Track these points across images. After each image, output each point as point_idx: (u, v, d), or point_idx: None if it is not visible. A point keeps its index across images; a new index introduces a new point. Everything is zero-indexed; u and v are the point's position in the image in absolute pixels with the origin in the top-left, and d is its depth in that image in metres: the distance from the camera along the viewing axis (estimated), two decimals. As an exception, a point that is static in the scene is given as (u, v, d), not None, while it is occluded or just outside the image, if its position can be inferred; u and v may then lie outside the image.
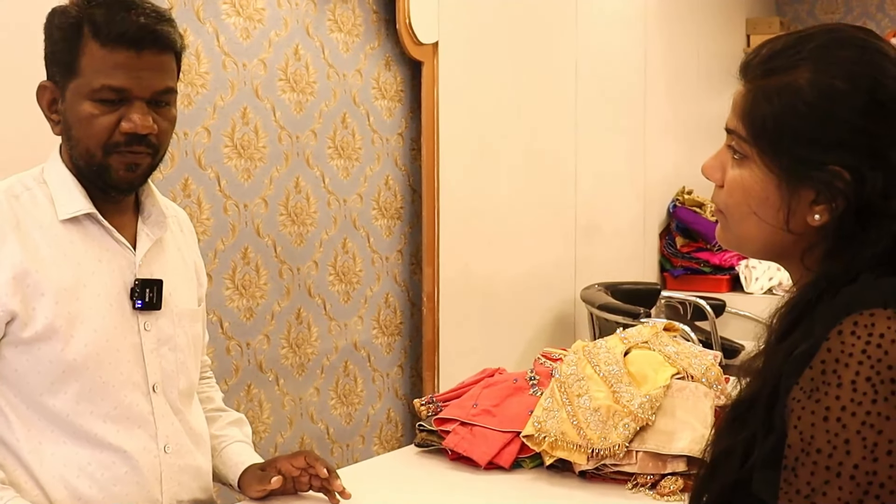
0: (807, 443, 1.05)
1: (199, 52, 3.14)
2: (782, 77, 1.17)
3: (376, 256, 3.85)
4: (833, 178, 1.14)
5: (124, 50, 1.67)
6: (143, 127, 1.69)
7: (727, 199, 1.23)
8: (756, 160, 1.19)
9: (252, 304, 3.37)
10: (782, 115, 1.16)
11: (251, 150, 3.34)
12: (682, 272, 5.65)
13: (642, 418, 2.06)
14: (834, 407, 1.04)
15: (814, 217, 1.16)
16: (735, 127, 1.21)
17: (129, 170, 1.73)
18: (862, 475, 1.02)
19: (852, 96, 1.13)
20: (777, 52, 1.20)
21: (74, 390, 1.71)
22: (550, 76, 4.68)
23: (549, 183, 4.70)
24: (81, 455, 1.72)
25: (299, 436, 3.56)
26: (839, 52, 1.16)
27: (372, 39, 3.78)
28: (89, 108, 1.69)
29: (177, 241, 1.93)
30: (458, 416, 2.25)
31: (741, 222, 1.22)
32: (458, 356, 4.00)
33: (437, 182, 3.93)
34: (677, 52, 5.79)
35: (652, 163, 5.53)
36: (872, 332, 1.06)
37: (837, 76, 1.14)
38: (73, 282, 1.71)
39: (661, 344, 2.27)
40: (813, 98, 1.14)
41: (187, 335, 1.87)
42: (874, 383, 1.04)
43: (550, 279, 4.72)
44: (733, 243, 1.27)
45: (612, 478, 2.07)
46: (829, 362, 1.06)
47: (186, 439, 1.85)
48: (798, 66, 1.16)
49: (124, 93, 1.68)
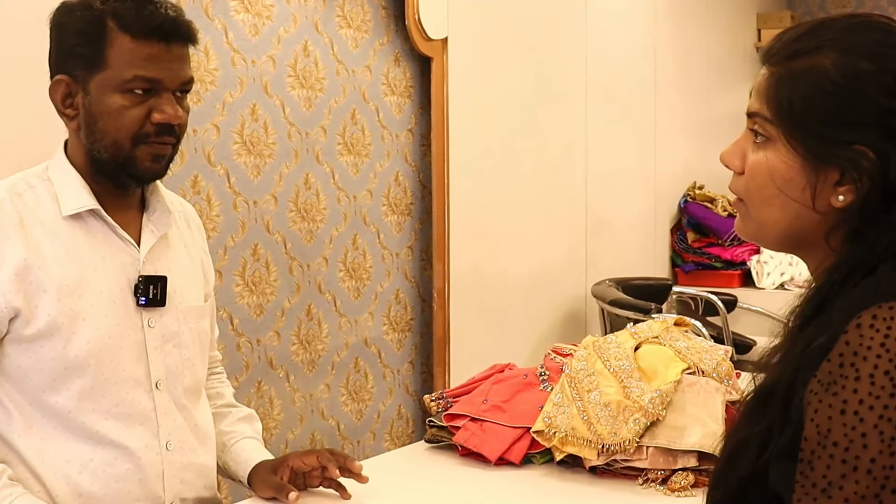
0: (823, 436, 1.05)
1: (208, 48, 3.14)
2: (807, 59, 1.17)
3: (386, 253, 3.85)
4: (858, 157, 1.14)
5: (155, 42, 1.70)
6: (175, 117, 1.73)
7: (749, 184, 1.23)
8: (781, 140, 1.18)
9: (262, 300, 3.37)
10: (808, 95, 1.16)
11: (260, 147, 3.34)
12: (694, 267, 5.64)
13: (653, 413, 2.05)
14: (851, 400, 1.03)
15: (838, 198, 1.16)
16: (759, 109, 1.21)
17: (156, 160, 1.75)
18: (879, 469, 1.01)
19: (877, 77, 1.14)
20: (801, 35, 1.20)
21: (77, 387, 1.71)
22: (560, 71, 4.67)
23: (560, 178, 4.70)
24: (83, 452, 1.73)
25: (310, 432, 3.56)
26: (863, 34, 1.17)
27: (381, 35, 3.78)
28: (119, 100, 1.70)
29: (183, 237, 1.93)
30: (468, 411, 2.25)
31: (764, 206, 1.21)
32: (468, 352, 3.99)
33: (447, 178, 3.93)
34: (687, 46, 5.77)
35: (662, 158, 5.51)
36: (891, 325, 1.05)
37: (862, 57, 1.15)
38: (76, 279, 1.72)
39: (671, 339, 2.26)
40: (838, 78, 1.15)
41: (193, 332, 1.87)
42: (892, 377, 1.03)
43: (561, 275, 4.71)
44: (753, 231, 1.26)
45: (622, 473, 2.06)
46: (847, 355, 1.05)
47: (191, 437, 1.85)
48: (822, 48, 1.17)
49: (155, 83, 1.71)
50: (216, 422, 2.03)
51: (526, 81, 4.41)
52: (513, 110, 4.34)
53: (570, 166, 4.76)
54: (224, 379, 2.13)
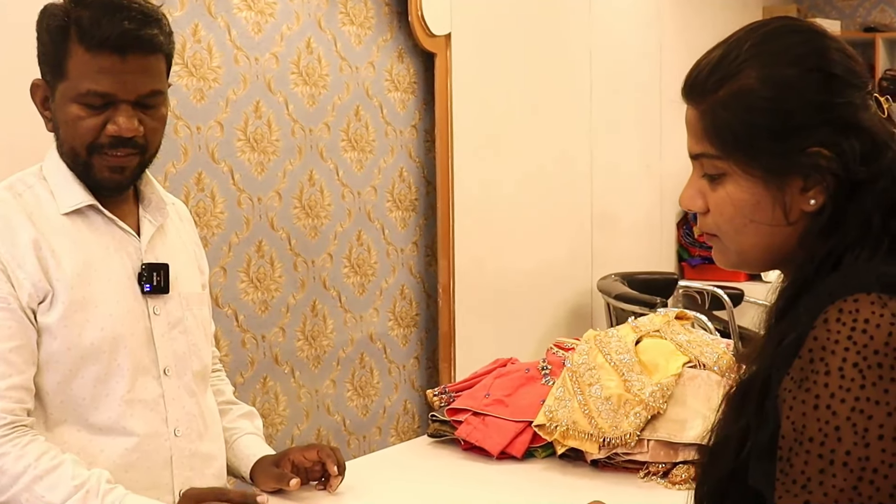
0: (799, 432, 1.05)
1: (211, 46, 3.15)
2: (732, 84, 1.17)
3: (391, 248, 3.86)
4: (815, 158, 1.14)
5: (108, 55, 1.68)
6: (127, 130, 1.71)
7: (718, 220, 1.21)
8: (735, 172, 1.18)
9: (267, 297, 3.38)
10: (746, 119, 1.16)
11: (264, 144, 3.35)
12: (700, 261, 5.63)
13: (654, 407, 2.05)
14: (823, 395, 1.04)
15: (809, 202, 1.15)
16: (703, 150, 1.20)
17: (115, 171, 1.75)
18: (854, 461, 1.02)
19: (805, 78, 1.14)
20: (716, 63, 1.19)
21: (92, 375, 1.73)
22: (564, 67, 4.67)
23: (565, 173, 4.69)
24: (95, 443, 1.74)
25: (316, 428, 3.57)
26: (776, 42, 1.17)
27: (384, 32, 3.78)
28: (76, 111, 1.71)
29: (177, 228, 1.96)
30: (470, 406, 2.26)
31: (738, 236, 1.20)
32: (474, 347, 4.00)
33: (451, 173, 3.93)
34: (693, 40, 5.75)
35: (668, 152, 5.50)
36: (857, 318, 1.05)
37: (784, 64, 1.15)
38: (85, 268, 1.74)
39: (672, 332, 2.27)
40: (769, 93, 1.15)
41: (196, 317, 1.90)
42: (861, 369, 1.03)
43: (566, 270, 4.71)
44: (735, 261, 1.25)
45: (623, 467, 2.07)
46: (815, 350, 1.06)
47: (199, 423, 1.87)
48: (742, 68, 1.16)
49: (109, 97, 1.70)
50: (217, 418, 2.05)
51: (530, 76, 4.41)
52: (517, 105, 4.34)
53: (575, 161, 4.75)
54: (224, 376, 2.14)
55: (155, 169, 1.89)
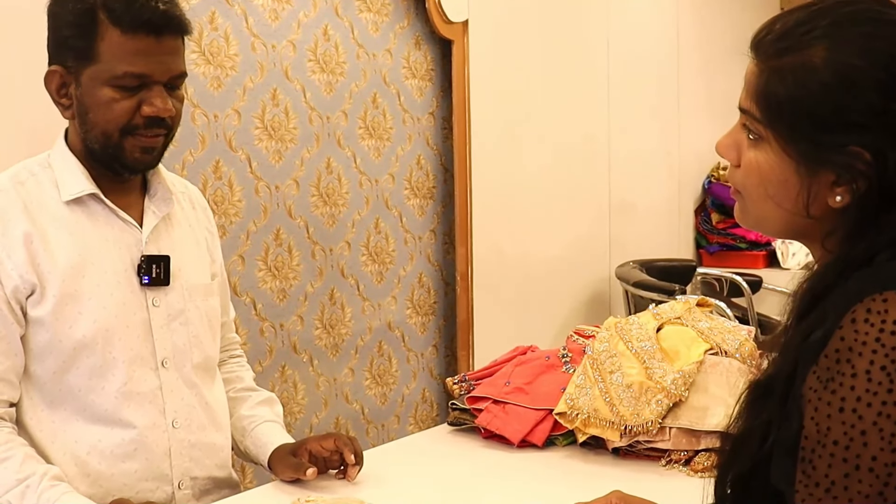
0: (823, 434, 1.03)
1: (228, 34, 3.15)
2: (796, 56, 1.11)
3: (409, 236, 3.85)
4: (853, 159, 1.09)
5: (145, 36, 1.70)
6: (164, 111, 1.74)
7: (744, 181, 1.20)
8: (772, 143, 1.14)
9: (285, 285, 3.38)
10: (798, 96, 1.11)
11: (282, 132, 3.34)
12: (718, 248, 5.61)
13: (675, 394, 2.04)
14: (849, 398, 1.02)
15: (835, 199, 1.12)
16: (749, 107, 1.17)
17: (146, 152, 1.77)
18: (881, 466, 1.00)
19: (870, 74, 1.08)
20: (790, 29, 1.14)
21: (87, 366, 1.75)
22: (582, 53, 4.64)
23: (582, 160, 4.68)
24: (92, 433, 1.76)
25: (334, 416, 3.57)
26: (855, 27, 1.11)
27: (401, 19, 3.77)
28: (109, 93, 1.72)
29: (188, 217, 1.95)
30: (490, 394, 2.25)
31: (759, 203, 1.18)
32: (492, 335, 3.99)
33: (468, 161, 3.92)
34: (710, 27, 5.73)
35: (686, 139, 5.48)
36: (886, 318, 1.02)
37: (854, 54, 1.09)
38: (80, 260, 1.75)
39: (693, 320, 2.25)
40: (829, 78, 1.09)
41: (200, 309, 1.89)
42: (889, 372, 1.00)
43: (584, 257, 4.70)
44: (752, 224, 1.23)
45: (645, 454, 2.06)
46: (842, 351, 1.03)
47: (200, 414, 1.87)
48: (812, 44, 1.11)
49: (144, 78, 1.72)
50: (236, 406, 2.04)
51: (548, 63, 4.39)
52: (535, 92, 4.32)
53: (592, 148, 4.74)
54: (244, 363, 2.14)
55: (173, 157, 1.90)
